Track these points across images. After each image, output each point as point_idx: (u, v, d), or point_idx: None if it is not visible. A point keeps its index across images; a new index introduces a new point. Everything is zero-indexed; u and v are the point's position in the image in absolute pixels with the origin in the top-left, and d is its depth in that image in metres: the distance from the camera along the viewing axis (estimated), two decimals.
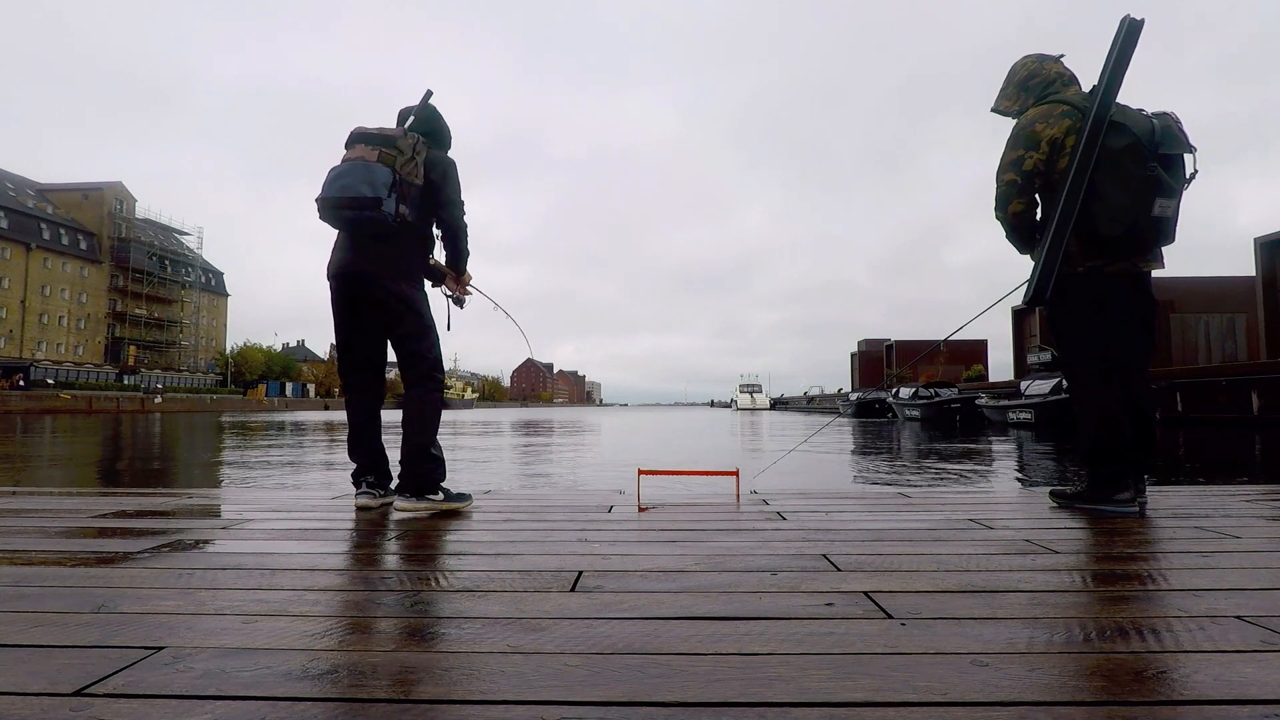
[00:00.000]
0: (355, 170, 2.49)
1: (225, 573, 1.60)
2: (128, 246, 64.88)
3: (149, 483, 7.31)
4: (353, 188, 2.46)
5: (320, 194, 2.50)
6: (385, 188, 2.47)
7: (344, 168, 2.52)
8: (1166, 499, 2.75)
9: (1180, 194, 2.37)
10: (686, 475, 3.35)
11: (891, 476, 7.84)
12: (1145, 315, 2.52)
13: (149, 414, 41.16)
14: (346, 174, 2.49)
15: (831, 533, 2.10)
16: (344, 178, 2.49)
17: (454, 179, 2.70)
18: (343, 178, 2.49)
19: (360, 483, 2.66)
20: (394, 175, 2.49)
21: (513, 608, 1.32)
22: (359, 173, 2.48)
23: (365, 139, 2.58)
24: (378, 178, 2.47)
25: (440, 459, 2.61)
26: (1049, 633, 1.16)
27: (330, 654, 1.07)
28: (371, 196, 2.45)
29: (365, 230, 2.53)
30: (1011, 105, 2.66)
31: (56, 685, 0.95)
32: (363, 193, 2.45)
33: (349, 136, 2.62)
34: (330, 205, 2.48)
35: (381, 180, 2.47)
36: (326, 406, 73.55)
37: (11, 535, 2.07)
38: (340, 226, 2.57)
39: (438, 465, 2.59)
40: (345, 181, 2.47)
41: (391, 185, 2.48)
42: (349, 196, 2.45)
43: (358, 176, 2.47)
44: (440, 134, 2.79)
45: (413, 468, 2.53)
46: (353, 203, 2.45)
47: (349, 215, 2.48)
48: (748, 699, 0.91)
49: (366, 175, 2.47)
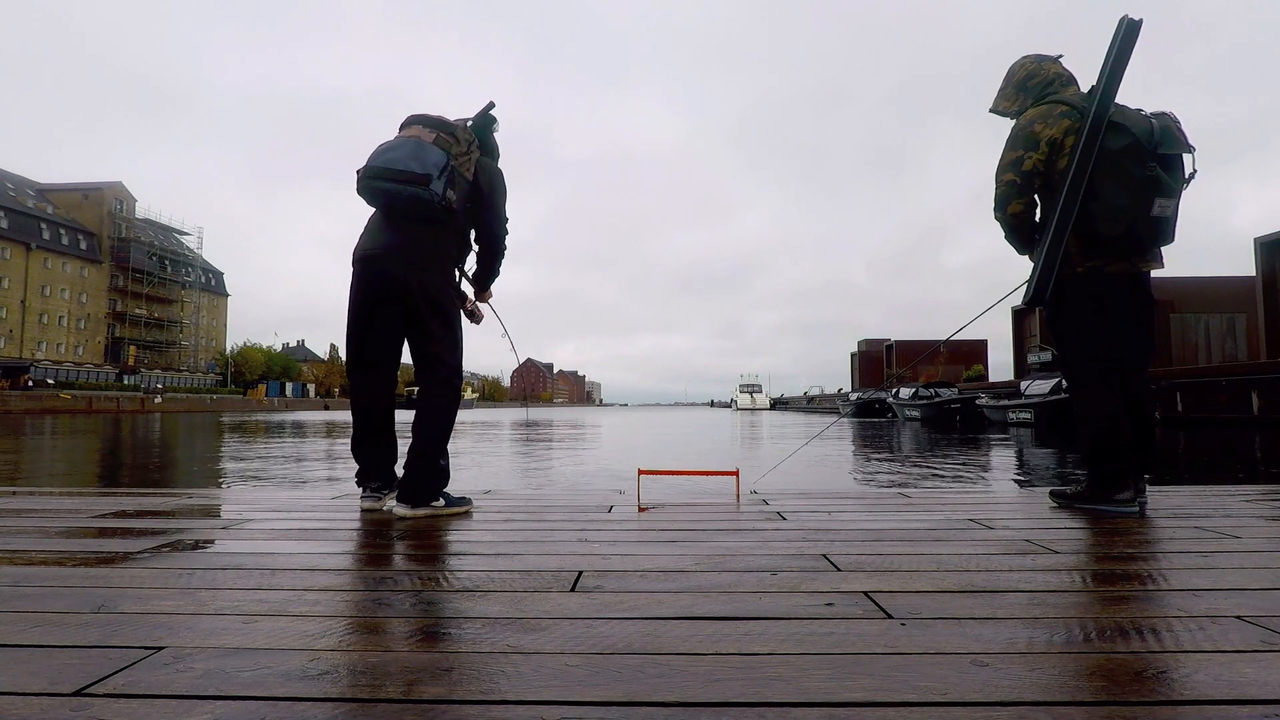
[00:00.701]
0: (407, 145, 2.39)
1: (225, 573, 1.60)
2: (128, 246, 64.90)
3: (149, 483, 7.31)
4: (401, 161, 2.35)
5: (364, 164, 2.39)
6: (436, 168, 2.36)
7: (395, 142, 2.42)
8: (1166, 499, 2.75)
9: (1179, 194, 2.38)
10: (686, 475, 3.35)
11: (891, 476, 7.84)
12: (1144, 315, 2.52)
13: (149, 414, 41.16)
14: (397, 148, 2.39)
15: (831, 533, 2.10)
16: (393, 151, 2.38)
17: (502, 191, 2.60)
18: (391, 150, 2.38)
19: (365, 485, 2.56)
20: (447, 159, 2.39)
21: (513, 608, 1.32)
22: (410, 147, 2.38)
23: (423, 121, 2.49)
24: (430, 157, 2.37)
25: (445, 471, 2.50)
26: (1049, 633, 1.16)
27: (330, 654, 1.07)
28: (421, 173, 2.34)
29: (406, 209, 2.39)
30: (1010, 106, 2.66)
31: (56, 685, 0.95)
32: (411, 168, 2.34)
33: (405, 120, 2.54)
34: (374, 175, 2.36)
35: (434, 160, 2.37)
36: (326, 406, 73.55)
37: (11, 535, 2.07)
38: (379, 202, 2.43)
39: (441, 477, 2.48)
40: (394, 155, 2.37)
41: (444, 168, 2.37)
42: (396, 169, 2.34)
43: (408, 151, 2.37)
44: (492, 147, 2.68)
45: (416, 478, 2.42)
46: (399, 175, 2.34)
47: (392, 188, 2.35)
48: (748, 699, 0.91)
49: (418, 152, 2.37)
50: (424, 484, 2.43)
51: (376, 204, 2.46)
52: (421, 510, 2.41)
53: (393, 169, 2.35)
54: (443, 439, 2.50)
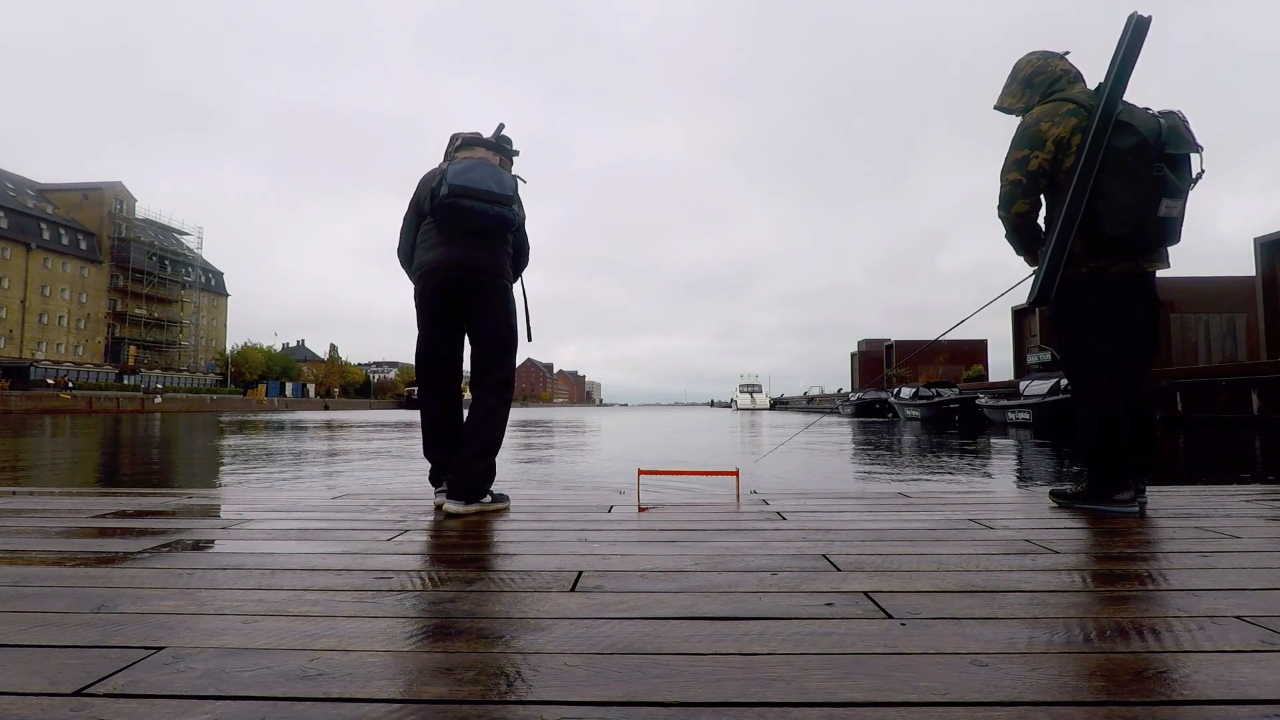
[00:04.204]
0: (485, 166, 2.50)
1: (225, 573, 1.60)
2: (128, 246, 64.88)
3: (149, 483, 7.31)
4: (485, 181, 2.46)
5: (448, 182, 2.45)
6: (511, 189, 2.52)
7: (471, 163, 2.50)
8: (1166, 499, 2.75)
9: (1186, 194, 2.36)
10: (686, 475, 3.36)
11: (891, 476, 7.83)
12: (1148, 316, 2.51)
13: (149, 414, 41.16)
14: (476, 169, 2.48)
15: (831, 533, 2.10)
16: (473, 171, 2.47)
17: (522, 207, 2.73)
18: (472, 171, 2.47)
19: (440, 480, 2.65)
20: (516, 183, 2.55)
21: (512, 608, 1.32)
22: (490, 169, 2.50)
23: (485, 144, 2.60)
24: (506, 180, 2.52)
25: (494, 469, 2.59)
26: (1049, 633, 1.16)
27: (330, 654, 1.07)
28: (505, 194, 2.48)
29: (489, 226, 2.50)
30: (1015, 103, 2.64)
31: (56, 685, 0.95)
32: (494, 189, 2.46)
33: (459, 139, 2.62)
34: (462, 193, 2.43)
35: (509, 183, 2.53)
36: (326, 406, 73.56)
37: (11, 535, 2.07)
38: (462, 218, 2.48)
39: (491, 475, 2.58)
40: (476, 175, 2.46)
41: (514, 189, 2.53)
42: (483, 189, 2.45)
43: (489, 173, 2.48)
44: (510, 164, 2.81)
45: (469, 474, 2.50)
46: (486, 195, 2.45)
47: (480, 207, 2.45)
48: (748, 699, 0.91)
49: (497, 175, 2.50)
50: (477, 482, 2.52)
51: (459, 221, 2.51)
52: (472, 507, 2.49)
53: (480, 189, 2.46)
54: (498, 441, 2.60)
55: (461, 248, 2.53)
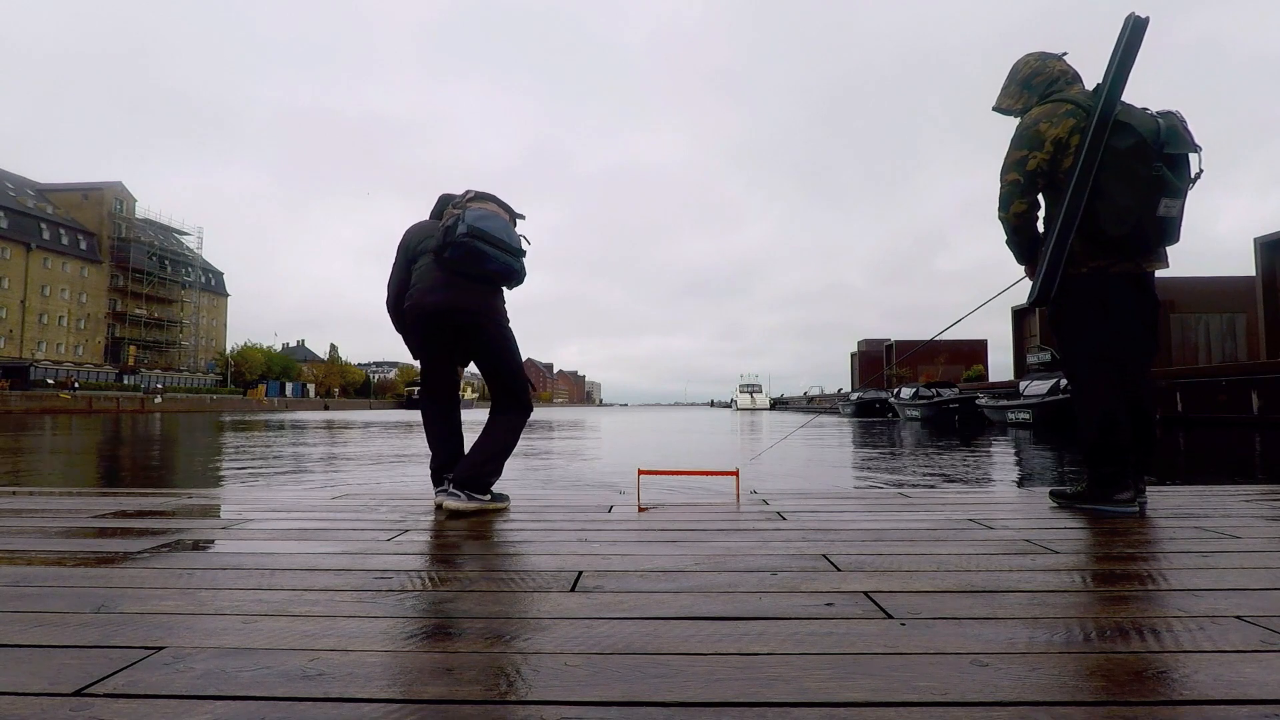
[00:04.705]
0: (499, 219, 2.60)
1: (225, 573, 1.60)
2: (128, 246, 64.85)
3: (149, 483, 7.31)
4: (500, 231, 2.55)
5: (467, 222, 2.51)
6: (519, 245, 2.62)
7: (486, 212, 2.58)
8: (1166, 499, 2.75)
9: (1185, 194, 2.36)
10: (686, 475, 3.35)
11: (891, 476, 7.83)
12: (1148, 316, 2.51)
13: (149, 414, 41.16)
14: (492, 218, 2.57)
15: (831, 533, 2.10)
16: (490, 220, 2.55)
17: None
18: (488, 220, 2.55)
19: (442, 480, 2.69)
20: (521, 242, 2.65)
21: (513, 608, 1.32)
22: (503, 222, 2.60)
23: (496, 201, 2.70)
24: (515, 236, 2.63)
25: (499, 471, 2.65)
26: (1049, 633, 1.16)
27: (330, 654, 1.07)
28: (518, 247, 2.60)
29: (497, 272, 2.58)
30: (1014, 104, 2.64)
31: (56, 685, 0.95)
32: (507, 240, 2.57)
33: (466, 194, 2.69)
34: (478, 236, 2.50)
35: (517, 238, 2.63)
36: (326, 406, 73.56)
37: (11, 535, 2.07)
38: (474, 261, 2.54)
39: (495, 475, 2.63)
40: (492, 225, 2.54)
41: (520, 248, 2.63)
42: (499, 237, 2.54)
43: (502, 225, 2.59)
44: None
45: (479, 466, 2.56)
46: (501, 244, 2.54)
47: (492, 253, 2.52)
48: (748, 699, 0.91)
49: (508, 228, 2.61)
50: (484, 474, 2.58)
51: (470, 259, 2.55)
52: (472, 504, 2.52)
53: (496, 236, 2.54)
54: (510, 448, 2.69)
55: (463, 291, 2.59)
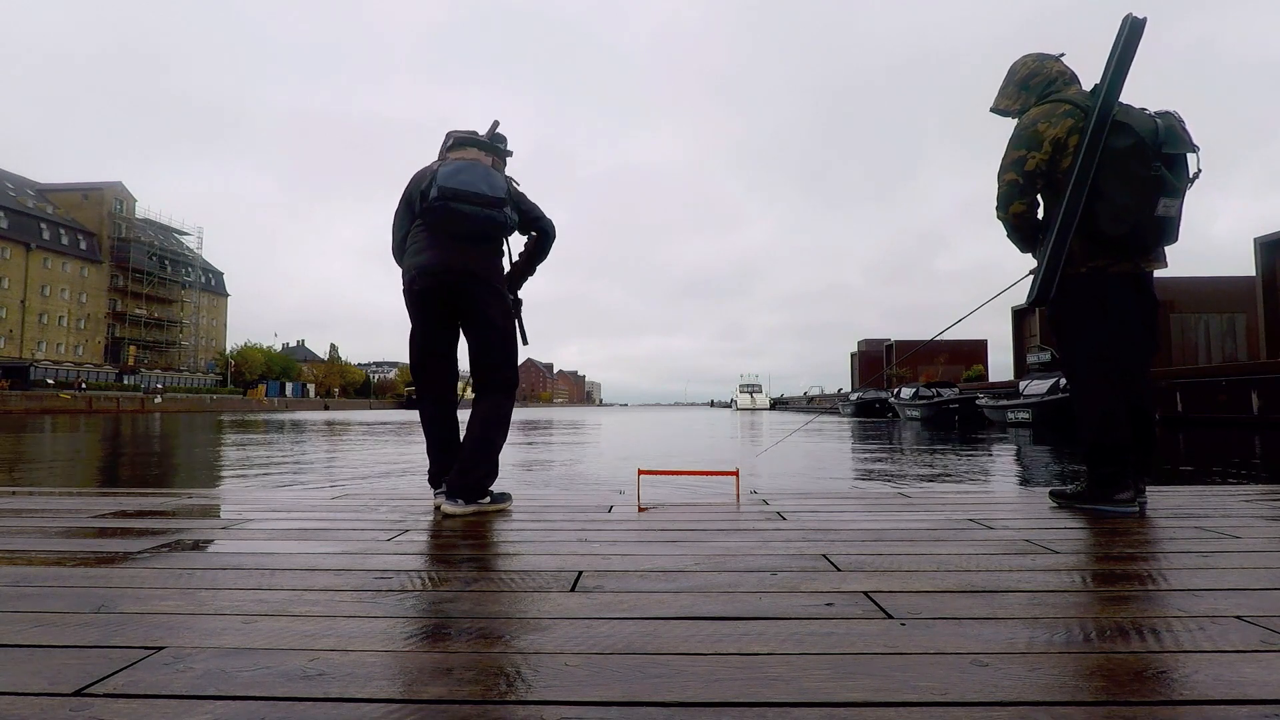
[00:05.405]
0: (477, 169, 2.48)
1: (225, 573, 1.60)
2: (128, 246, 64.85)
3: (149, 482, 7.31)
4: (476, 184, 2.44)
5: (437, 184, 2.43)
6: (503, 191, 2.50)
7: (461, 165, 2.48)
8: (1166, 499, 2.75)
9: (1184, 193, 2.36)
10: (686, 475, 3.36)
11: (891, 476, 7.83)
12: (1147, 315, 2.52)
13: (149, 414, 41.16)
14: (466, 171, 2.46)
15: (831, 533, 2.10)
16: (464, 174, 2.44)
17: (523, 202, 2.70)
18: (462, 173, 2.45)
19: (439, 482, 2.63)
20: (508, 184, 2.52)
21: (512, 608, 1.32)
22: (481, 172, 2.48)
23: (476, 144, 2.58)
24: (497, 181, 2.50)
25: (495, 470, 2.57)
26: (1049, 633, 1.16)
27: (330, 654, 1.07)
28: (496, 197, 2.46)
29: (479, 229, 2.48)
30: (1012, 104, 2.65)
31: (56, 685, 0.95)
32: (486, 192, 2.45)
33: (451, 139, 2.60)
34: (451, 196, 2.41)
35: (501, 185, 2.50)
36: (326, 406, 73.55)
37: (11, 535, 2.07)
38: (453, 222, 2.46)
39: (492, 475, 2.55)
40: (466, 177, 2.44)
41: (506, 191, 2.51)
42: (473, 191, 2.43)
43: (479, 175, 2.47)
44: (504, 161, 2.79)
45: (470, 471, 2.48)
46: (476, 198, 2.43)
47: (470, 210, 2.43)
48: (748, 699, 0.91)
49: (487, 176, 2.48)
50: (478, 480, 2.50)
51: (449, 224, 2.48)
52: (470, 507, 2.46)
53: (470, 191, 2.43)
54: (501, 438, 2.58)
55: (451, 250, 2.50)
